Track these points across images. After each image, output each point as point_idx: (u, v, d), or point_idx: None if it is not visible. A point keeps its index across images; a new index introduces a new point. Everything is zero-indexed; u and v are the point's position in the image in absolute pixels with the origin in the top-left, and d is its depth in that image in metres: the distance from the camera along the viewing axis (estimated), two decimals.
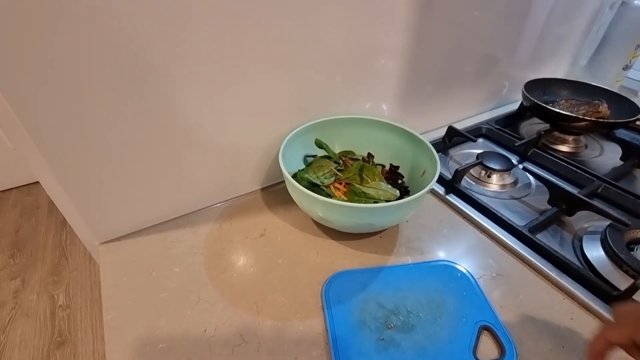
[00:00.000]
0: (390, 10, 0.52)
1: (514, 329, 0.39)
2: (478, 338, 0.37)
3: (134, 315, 0.40)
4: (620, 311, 0.29)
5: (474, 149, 0.69)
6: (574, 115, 0.65)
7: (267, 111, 0.51)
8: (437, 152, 0.49)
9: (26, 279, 1.40)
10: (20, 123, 0.35)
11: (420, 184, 0.50)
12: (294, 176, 0.51)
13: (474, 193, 0.57)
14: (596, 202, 0.52)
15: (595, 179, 0.59)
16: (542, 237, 0.49)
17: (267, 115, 0.51)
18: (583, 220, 0.53)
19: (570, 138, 0.72)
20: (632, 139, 0.70)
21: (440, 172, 0.47)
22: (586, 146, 0.72)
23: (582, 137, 0.73)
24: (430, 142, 0.51)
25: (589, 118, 0.64)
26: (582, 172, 0.61)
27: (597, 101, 0.70)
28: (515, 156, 0.68)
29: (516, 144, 0.67)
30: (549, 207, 0.54)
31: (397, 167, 0.57)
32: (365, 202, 0.46)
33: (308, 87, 0.52)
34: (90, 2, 0.32)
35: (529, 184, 0.61)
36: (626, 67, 0.85)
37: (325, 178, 0.50)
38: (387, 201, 0.47)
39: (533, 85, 0.74)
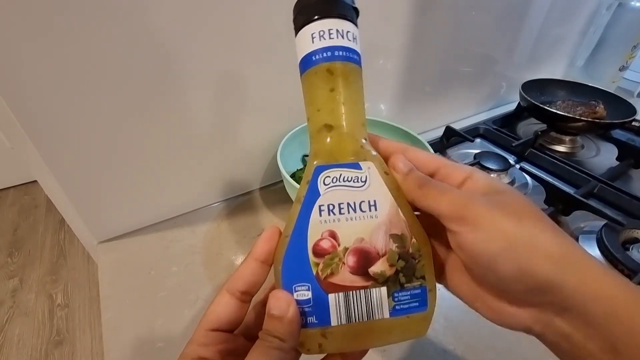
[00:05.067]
0: (389, 10, 0.52)
1: None
2: None
3: (132, 315, 0.40)
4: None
5: (472, 149, 0.69)
6: (570, 115, 0.65)
7: (266, 111, 0.51)
8: (435, 152, 0.49)
9: (24, 278, 1.40)
10: (17, 121, 0.35)
11: None
12: (292, 176, 0.51)
13: None
14: (592, 202, 0.52)
15: (591, 179, 0.59)
16: None
17: (265, 115, 0.51)
18: (579, 220, 0.53)
19: (567, 138, 0.72)
20: (628, 140, 0.71)
21: None
22: (583, 146, 0.73)
23: (578, 138, 0.73)
24: (428, 142, 0.51)
25: (585, 119, 0.64)
26: (579, 172, 0.61)
27: (593, 102, 0.70)
28: (513, 156, 0.68)
29: (513, 144, 0.67)
30: (546, 207, 0.55)
31: None
32: None
33: None
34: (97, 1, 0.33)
35: (526, 184, 0.61)
36: (622, 68, 0.86)
37: None
38: None
39: (530, 86, 0.74)
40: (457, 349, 0.38)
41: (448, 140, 0.69)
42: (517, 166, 0.64)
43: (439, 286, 0.21)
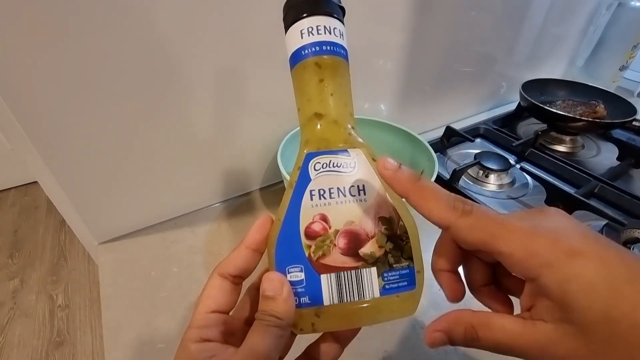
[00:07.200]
0: (388, 10, 0.52)
1: None
2: None
3: (133, 315, 0.40)
4: None
5: (472, 149, 0.69)
6: (571, 115, 0.65)
7: (266, 111, 0.51)
8: (435, 152, 0.49)
9: (25, 279, 1.40)
10: (17, 122, 0.35)
11: None
12: None
13: (472, 193, 0.57)
14: (593, 202, 0.52)
15: (592, 179, 0.59)
16: None
17: (265, 115, 0.51)
18: (580, 220, 0.53)
19: (568, 138, 0.72)
20: (629, 139, 0.71)
21: (439, 172, 0.48)
22: (583, 146, 0.73)
23: (579, 137, 0.73)
24: (429, 142, 0.51)
25: (585, 118, 0.64)
26: (579, 172, 0.61)
27: (594, 102, 0.70)
28: (513, 156, 0.68)
29: (514, 144, 0.67)
30: (546, 206, 0.55)
31: None
32: None
33: None
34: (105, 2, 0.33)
35: (527, 183, 0.61)
36: (623, 68, 0.86)
37: None
38: None
39: (530, 86, 0.74)
40: (457, 348, 0.38)
41: (448, 140, 0.69)
42: (518, 166, 0.64)
43: (432, 279, 0.22)
